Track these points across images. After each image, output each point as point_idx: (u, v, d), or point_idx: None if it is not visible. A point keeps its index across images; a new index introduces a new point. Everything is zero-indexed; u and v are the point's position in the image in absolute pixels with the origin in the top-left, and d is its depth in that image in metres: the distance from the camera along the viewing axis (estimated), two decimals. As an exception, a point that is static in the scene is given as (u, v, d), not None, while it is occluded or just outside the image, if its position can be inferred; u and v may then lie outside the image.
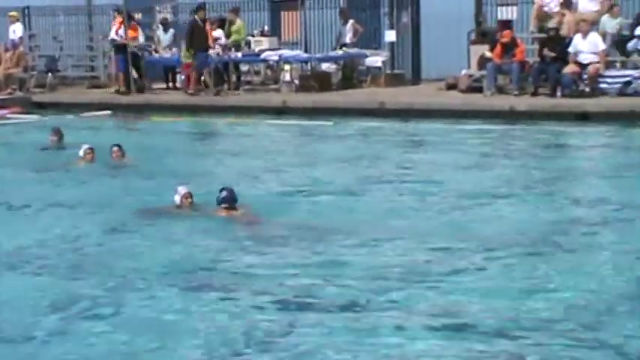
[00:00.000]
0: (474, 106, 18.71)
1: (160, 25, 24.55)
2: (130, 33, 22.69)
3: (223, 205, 9.49)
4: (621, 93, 18.36)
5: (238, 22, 23.27)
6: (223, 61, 22.50)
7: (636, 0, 20.04)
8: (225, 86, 22.40)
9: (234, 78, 22.81)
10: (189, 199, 9.79)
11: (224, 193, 9.52)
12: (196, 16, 21.91)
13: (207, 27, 21.95)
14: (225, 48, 22.50)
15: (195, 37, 21.61)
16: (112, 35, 23.20)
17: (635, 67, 18.99)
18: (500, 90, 19.87)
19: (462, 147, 15.23)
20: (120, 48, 22.78)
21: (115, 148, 13.37)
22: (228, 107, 20.65)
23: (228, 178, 11.27)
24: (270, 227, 9.27)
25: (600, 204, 10.21)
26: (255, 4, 25.45)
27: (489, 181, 11.79)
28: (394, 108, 19.26)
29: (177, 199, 9.80)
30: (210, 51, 22.00)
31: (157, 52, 23.98)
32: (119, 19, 23.03)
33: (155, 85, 23.61)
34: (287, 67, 22.35)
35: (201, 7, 22.11)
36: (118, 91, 22.77)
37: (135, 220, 9.71)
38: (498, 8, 22.65)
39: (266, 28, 24.77)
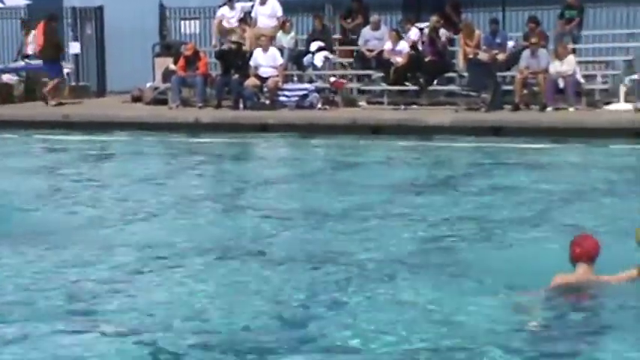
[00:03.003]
0: (160, 119, 18.97)
1: None
2: None
3: None
4: (299, 106, 19.31)
5: None
6: None
7: (311, 17, 21.05)
8: None
9: None
10: None
11: None
12: (53, 24, 20.92)
13: None
14: None
15: (54, 47, 20.70)
16: None
17: (311, 81, 20.03)
18: (185, 102, 20.28)
19: (147, 159, 15.49)
20: None
21: None
22: None
23: None
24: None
25: (276, 212, 10.72)
26: None
27: (173, 191, 12.06)
28: (78, 120, 19.16)
29: None
30: None
31: None
32: None
33: None
34: (-35, 78, 21.66)
35: (56, 17, 21.41)
36: None
37: None
38: (182, 22, 23.07)
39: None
